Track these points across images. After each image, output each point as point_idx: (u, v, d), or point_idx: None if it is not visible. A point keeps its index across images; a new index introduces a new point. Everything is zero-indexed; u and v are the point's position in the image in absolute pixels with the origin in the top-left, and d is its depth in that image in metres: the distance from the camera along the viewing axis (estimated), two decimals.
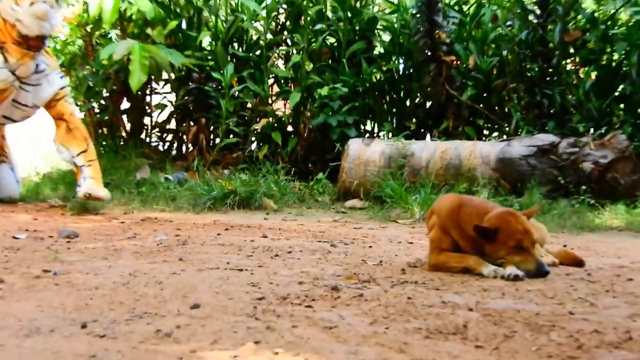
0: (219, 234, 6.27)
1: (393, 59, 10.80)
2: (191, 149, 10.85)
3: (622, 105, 9.63)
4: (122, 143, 11.16)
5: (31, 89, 7.48)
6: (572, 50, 10.14)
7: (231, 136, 10.48)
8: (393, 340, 3.04)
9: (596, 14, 9.89)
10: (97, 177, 7.69)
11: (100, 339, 2.94)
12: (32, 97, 7.54)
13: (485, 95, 10.20)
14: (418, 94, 10.56)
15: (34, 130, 11.80)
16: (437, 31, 9.84)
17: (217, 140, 10.48)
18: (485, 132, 10.39)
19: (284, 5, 11.14)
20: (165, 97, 11.70)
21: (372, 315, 3.45)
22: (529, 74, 9.99)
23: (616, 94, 9.68)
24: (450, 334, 3.17)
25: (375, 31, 11.04)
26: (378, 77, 10.72)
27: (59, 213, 7.71)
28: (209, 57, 10.97)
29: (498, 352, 2.92)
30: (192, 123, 10.90)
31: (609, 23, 9.90)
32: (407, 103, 10.81)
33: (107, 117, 11.36)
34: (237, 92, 10.44)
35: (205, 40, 11.11)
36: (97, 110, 11.39)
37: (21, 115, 7.73)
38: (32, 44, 7.25)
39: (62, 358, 2.68)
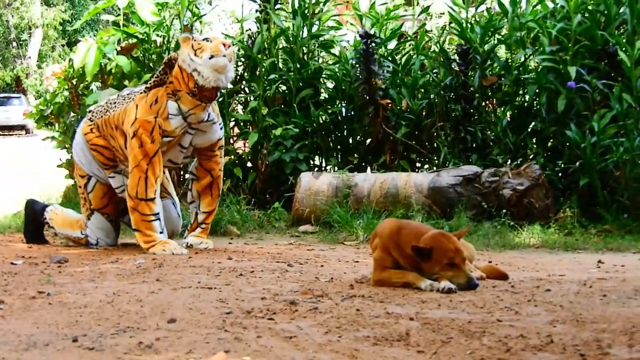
0: (190, 257, 6.22)
1: (337, 103, 10.82)
2: None
3: (534, 140, 9.72)
4: None
5: (194, 132, 6.79)
6: (490, 93, 10.23)
7: None
8: (345, 347, 3.03)
9: (509, 62, 9.99)
10: (205, 235, 7.27)
11: (89, 351, 2.91)
12: (192, 140, 6.85)
13: (416, 132, 10.22)
14: (359, 133, 10.57)
15: (30, 162, 11.61)
16: (373, 78, 9.87)
17: (187, 175, 10.42)
18: (418, 164, 10.41)
19: (242, 59, 11.13)
20: None
21: (326, 325, 3.44)
22: (453, 114, 10.04)
23: (529, 130, 9.78)
24: (395, 340, 3.16)
25: (321, 79, 11.04)
26: (324, 119, 10.70)
27: (51, 242, 7.60)
28: None
29: (437, 356, 2.92)
30: None
31: (520, 69, 10.01)
32: (350, 141, 10.81)
33: None
34: None
35: None
36: None
37: (182, 158, 7.04)
38: (207, 95, 6.51)
39: None
